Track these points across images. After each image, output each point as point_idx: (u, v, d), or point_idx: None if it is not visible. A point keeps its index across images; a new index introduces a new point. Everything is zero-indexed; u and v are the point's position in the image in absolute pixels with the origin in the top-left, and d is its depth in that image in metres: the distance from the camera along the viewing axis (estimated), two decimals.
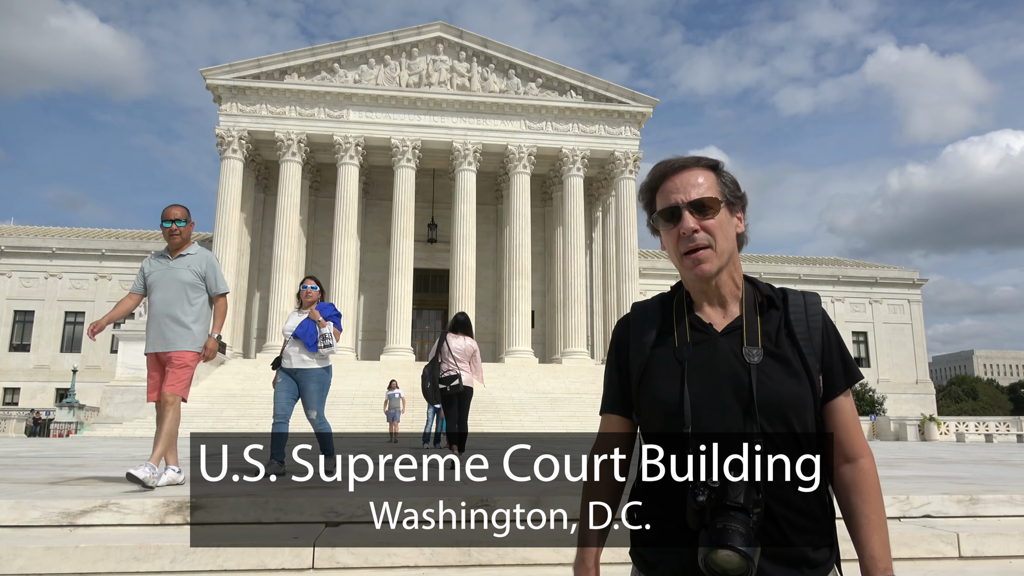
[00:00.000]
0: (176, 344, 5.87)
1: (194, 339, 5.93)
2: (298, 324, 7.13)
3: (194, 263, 6.05)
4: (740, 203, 1.62)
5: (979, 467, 9.56)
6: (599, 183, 44.19)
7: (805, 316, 1.56)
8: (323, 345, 6.98)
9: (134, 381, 26.38)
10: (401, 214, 38.26)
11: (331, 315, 7.21)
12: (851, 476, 1.52)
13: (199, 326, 5.98)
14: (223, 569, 3.69)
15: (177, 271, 5.97)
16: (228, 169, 37.94)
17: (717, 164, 1.62)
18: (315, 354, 7.04)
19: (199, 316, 6.00)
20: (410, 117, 39.62)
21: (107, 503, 4.19)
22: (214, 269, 6.12)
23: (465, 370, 9.13)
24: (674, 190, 1.57)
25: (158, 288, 6.01)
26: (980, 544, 4.25)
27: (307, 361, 7.05)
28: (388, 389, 21.12)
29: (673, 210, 1.56)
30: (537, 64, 41.12)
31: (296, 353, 7.07)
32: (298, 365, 7.08)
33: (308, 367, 7.04)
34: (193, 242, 6.19)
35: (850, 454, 1.54)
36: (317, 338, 6.99)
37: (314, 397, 7.06)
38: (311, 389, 7.05)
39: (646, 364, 1.57)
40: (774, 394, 1.46)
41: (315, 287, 7.32)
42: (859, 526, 1.48)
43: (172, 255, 6.05)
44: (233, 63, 39.11)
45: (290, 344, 7.11)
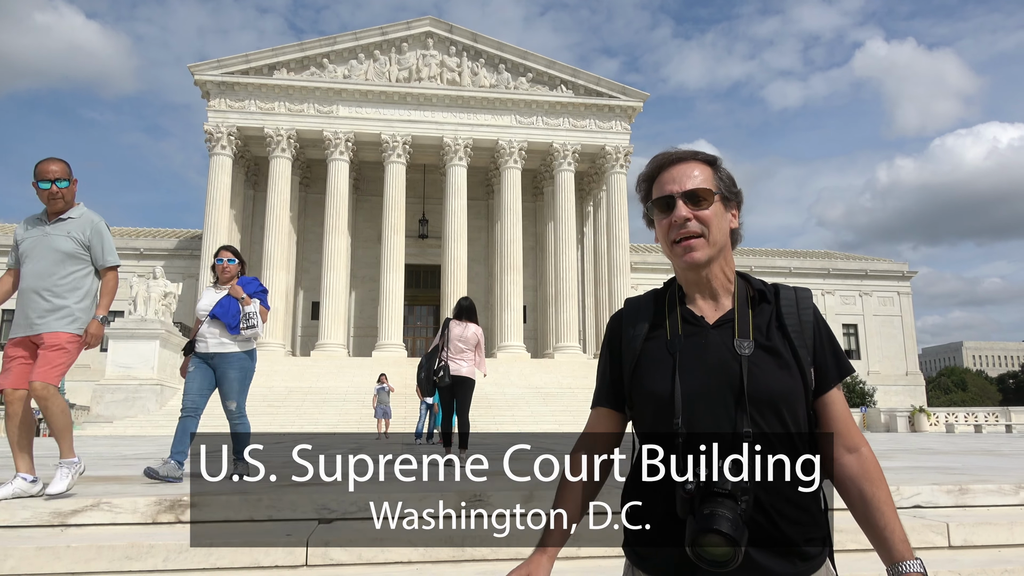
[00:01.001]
0: (47, 324, 4.73)
1: (73, 317, 4.80)
2: (216, 302, 6.22)
3: (75, 228, 4.91)
4: (735, 199, 1.64)
5: (968, 457, 9.64)
6: (590, 178, 44.20)
7: (796, 310, 1.58)
8: (246, 326, 6.15)
9: (125, 379, 26.26)
10: (392, 210, 38.16)
11: (256, 291, 6.39)
12: (858, 465, 1.54)
13: (80, 304, 4.86)
14: (216, 567, 3.68)
15: (54, 238, 4.85)
16: (217, 166, 37.74)
17: (715, 160, 1.64)
18: (237, 336, 6.17)
19: (81, 293, 4.89)
20: (400, 112, 39.49)
21: (98, 502, 4.17)
22: (100, 236, 4.99)
23: (465, 360, 8.39)
24: (670, 180, 1.59)
25: (29, 258, 4.87)
26: (970, 534, 4.29)
27: (227, 344, 6.16)
28: (377, 383, 20.43)
29: (668, 200, 1.58)
30: (527, 59, 41.05)
31: (214, 335, 6.17)
32: (215, 349, 6.17)
33: (228, 351, 6.16)
34: (78, 203, 5.05)
35: (850, 445, 1.56)
36: (240, 318, 6.16)
37: (234, 386, 6.18)
38: (231, 377, 6.15)
39: (638, 357, 1.59)
40: (764, 385, 1.47)
41: (232, 260, 6.42)
42: (877, 510, 1.50)
43: (50, 219, 4.93)
44: (221, 59, 38.85)
45: (206, 325, 6.21)
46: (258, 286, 6.44)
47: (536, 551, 1.58)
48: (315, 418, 25.91)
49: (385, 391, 19.75)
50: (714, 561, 1.33)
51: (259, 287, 6.44)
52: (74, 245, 4.86)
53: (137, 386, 26.15)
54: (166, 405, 26.78)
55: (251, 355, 6.36)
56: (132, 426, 23.93)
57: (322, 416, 26.24)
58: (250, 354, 6.34)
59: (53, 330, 4.72)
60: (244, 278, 6.45)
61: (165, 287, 27.96)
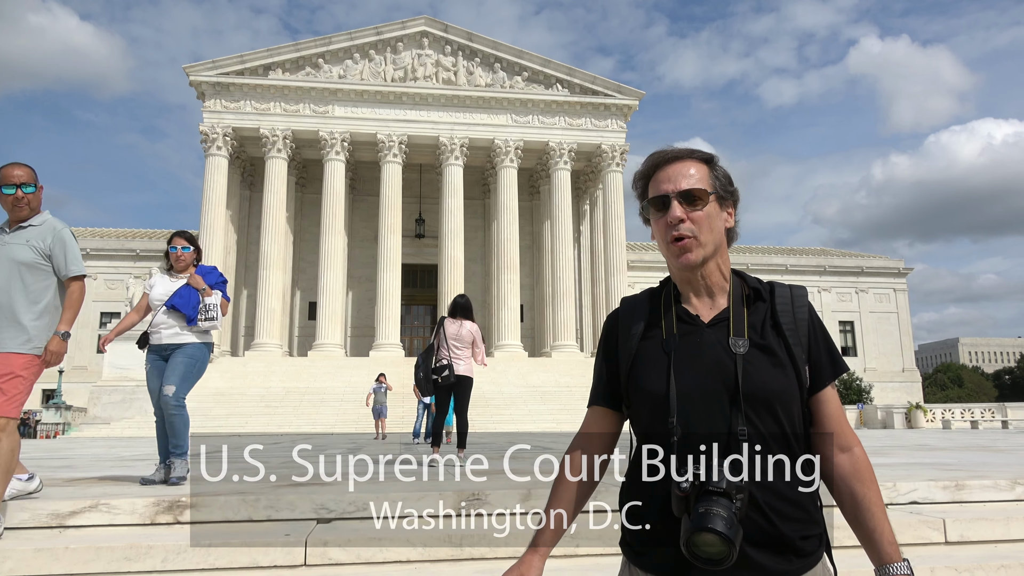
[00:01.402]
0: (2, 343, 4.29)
1: (27, 337, 4.33)
2: (174, 291, 5.91)
3: (35, 236, 4.46)
4: (731, 198, 1.64)
5: (964, 453, 9.66)
6: (586, 176, 44.21)
7: (791, 308, 1.58)
8: (205, 318, 5.87)
9: (121, 381, 26.22)
10: (388, 210, 38.14)
11: (217, 282, 6.09)
12: (851, 465, 1.55)
13: (37, 322, 4.39)
14: (215, 567, 3.68)
15: (12, 248, 4.42)
16: (213, 166, 37.67)
17: (711, 158, 1.64)
18: (195, 328, 5.87)
19: (39, 309, 4.42)
20: (396, 112, 39.46)
21: (96, 503, 4.17)
22: (63, 244, 4.53)
23: (463, 359, 8.30)
24: (665, 180, 1.59)
25: None
26: (966, 529, 4.31)
27: (182, 335, 5.85)
28: (375, 382, 20.44)
29: (663, 199, 1.59)
30: (523, 58, 41.05)
31: (170, 326, 5.85)
32: (170, 340, 5.84)
33: (184, 341, 5.85)
34: (44, 211, 4.63)
35: (844, 444, 1.56)
36: (199, 309, 5.86)
37: (178, 370, 5.74)
38: (178, 361, 5.77)
39: (634, 356, 1.59)
40: (759, 384, 1.48)
41: (187, 247, 6.06)
42: (867, 511, 1.51)
43: (11, 227, 4.51)
44: (216, 59, 38.78)
45: (161, 315, 5.87)
46: (219, 276, 6.16)
47: (528, 550, 1.58)
48: (313, 418, 25.90)
49: (383, 391, 19.65)
50: (709, 560, 1.34)
51: (219, 277, 6.16)
52: (33, 255, 4.44)
53: (134, 387, 26.10)
54: None
55: (208, 347, 6.03)
56: (129, 427, 23.89)
57: (320, 416, 26.22)
58: (208, 346, 6.02)
59: (7, 349, 4.28)
60: (203, 267, 6.15)
61: None
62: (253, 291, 39.57)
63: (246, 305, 41.33)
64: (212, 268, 6.20)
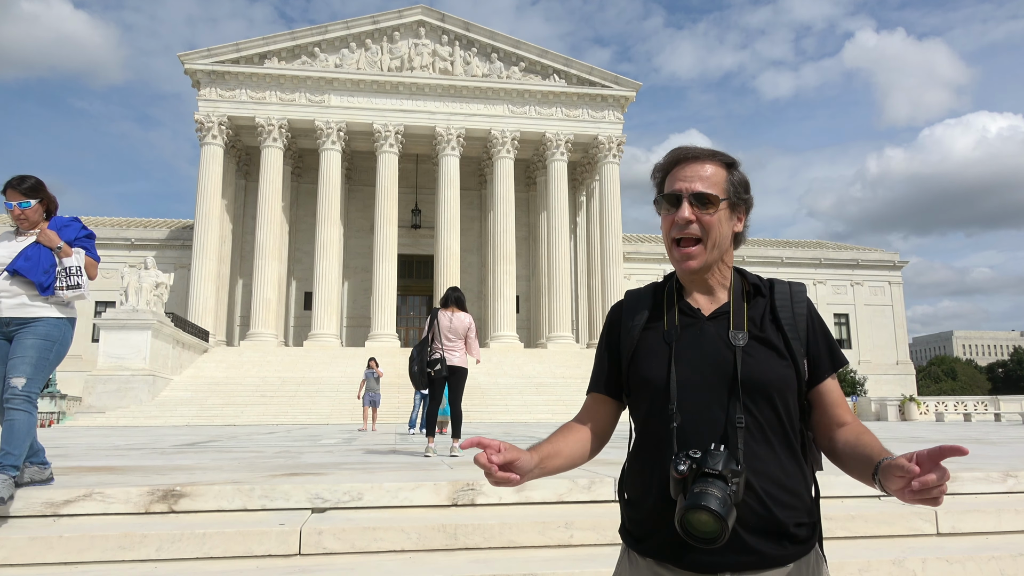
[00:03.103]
0: None
1: None
2: (18, 252, 4.50)
3: None
4: (744, 205, 1.66)
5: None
6: (583, 167, 44.15)
7: (790, 303, 1.62)
8: (67, 285, 4.50)
9: (116, 370, 26.15)
10: (384, 200, 38.04)
11: (78, 236, 4.69)
12: (853, 430, 1.57)
13: None
14: (209, 556, 3.68)
15: None
16: (208, 155, 37.51)
17: (733, 162, 1.66)
18: (53, 298, 4.51)
19: None
20: (392, 102, 39.31)
21: (91, 492, 4.16)
22: None
23: (457, 350, 8.38)
24: (682, 178, 1.62)
25: None
26: (957, 521, 4.34)
27: (31, 307, 4.46)
28: (366, 368, 18.66)
29: (676, 197, 1.61)
30: (520, 48, 40.89)
31: (13, 294, 4.45)
32: (12, 312, 4.44)
33: (34, 315, 4.46)
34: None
35: (843, 421, 1.60)
36: (55, 274, 4.49)
37: (29, 355, 4.36)
38: (28, 344, 4.38)
39: (636, 346, 1.64)
40: (757, 374, 1.52)
41: (26, 203, 4.52)
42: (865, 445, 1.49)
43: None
44: (211, 48, 38.53)
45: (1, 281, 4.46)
46: (79, 229, 4.73)
47: None
48: (308, 408, 25.89)
49: (374, 377, 18.19)
50: (701, 537, 1.37)
51: (81, 230, 4.73)
52: None
53: (129, 376, 26.05)
54: (158, 395, 26.72)
55: (69, 323, 4.65)
56: (124, 416, 23.85)
57: (315, 406, 26.21)
58: (69, 322, 4.65)
59: None
60: (59, 218, 4.74)
61: (156, 277, 27.82)
62: (249, 280, 39.48)
63: (242, 294, 41.26)
64: (72, 219, 4.78)
